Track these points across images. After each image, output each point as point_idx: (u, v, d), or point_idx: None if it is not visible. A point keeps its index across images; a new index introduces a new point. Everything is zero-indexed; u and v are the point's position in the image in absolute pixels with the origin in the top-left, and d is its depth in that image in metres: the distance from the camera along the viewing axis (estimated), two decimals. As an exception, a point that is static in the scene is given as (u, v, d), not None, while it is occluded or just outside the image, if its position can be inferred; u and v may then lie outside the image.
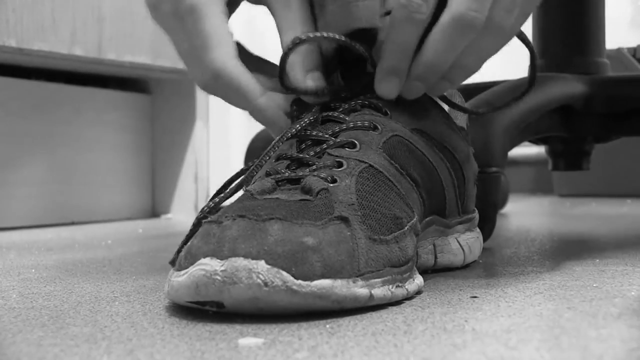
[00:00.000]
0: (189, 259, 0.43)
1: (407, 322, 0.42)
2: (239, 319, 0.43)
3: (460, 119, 0.64)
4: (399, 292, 0.47)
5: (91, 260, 0.73)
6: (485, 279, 0.58)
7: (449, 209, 0.59)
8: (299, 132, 0.52)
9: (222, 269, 0.41)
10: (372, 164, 0.51)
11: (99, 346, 0.38)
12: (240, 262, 0.41)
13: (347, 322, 0.42)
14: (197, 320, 0.43)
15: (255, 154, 0.90)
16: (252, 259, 0.41)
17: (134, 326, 0.43)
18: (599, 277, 0.57)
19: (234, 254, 0.42)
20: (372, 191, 0.49)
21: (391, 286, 0.47)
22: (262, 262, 0.41)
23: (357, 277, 0.44)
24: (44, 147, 1.17)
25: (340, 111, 0.54)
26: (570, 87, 0.88)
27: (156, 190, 1.37)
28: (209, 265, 0.42)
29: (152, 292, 0.54)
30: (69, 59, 1.12)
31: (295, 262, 0.42)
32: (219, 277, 0.41)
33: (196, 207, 1.35)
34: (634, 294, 0.50)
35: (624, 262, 0.65)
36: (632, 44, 1.41)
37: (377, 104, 0.54)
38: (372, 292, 0.45)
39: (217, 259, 0.42)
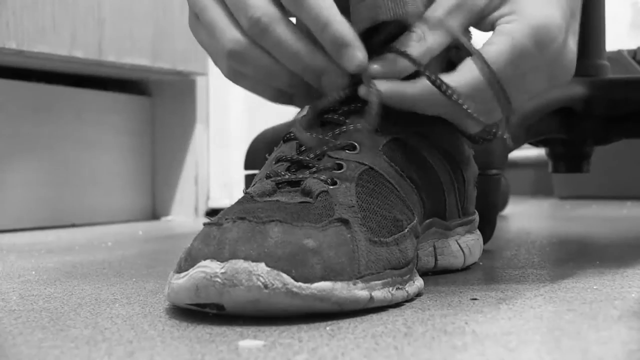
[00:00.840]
0: (189, 261, 0.43)
1: (407, 325, 0.42)
2: (239, 321, 0.43)
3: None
4: (399, 294, 0.47)
5: (91, 262, 0.73)
6: (485, 281, 0.58)
7: (449, 211, 0.59)
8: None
9: (222, 271, 0.41)
10: (372, 166, 0.51)
11: (99, 348, 0.38)
12: (240, 264, 0.41)
13: (347, 324, 0.42)
14: (197, 322, 0.43)
15: (255, 156, 0.90)
16: (253, 261, 0.41)
17: (134, 328, 0.43)
18: (599, 280, 0.57)
19: (234, 256, 0.42)
20: (372, 193, 0.49)
21: (391, 288, 0.47)
22: (262, 265, 0.41)
23: (357, 279, 0.44)
24: (44, 149, 1.17)
25: (339, 113, 0.54)
26: (570, 89, 0.88)
27: (156, 192, 1.37)
28: (209, 267, 0.42)
29: (153, 295, 0.54)
30: (69, 61, 1.12)
31: (295, 264, 0.42)
32: (219, 280, 0.41)
33: (196, 209, 1.35)
34: (634, 296, 0.50)
35: (624, 264, 0.65)
36: (633, 46, 1.41)
37: (377, 106, 0.54)
38: (372, 294, 0.45)
39: (218, 261, 0.42)
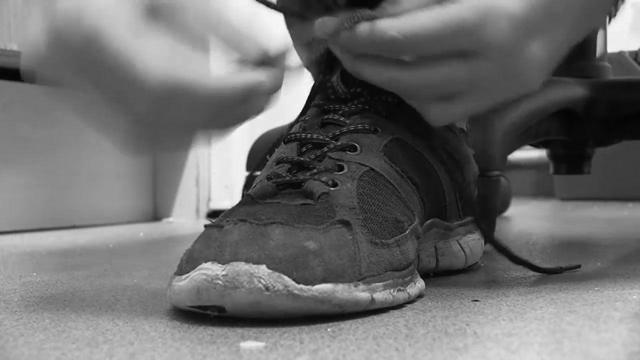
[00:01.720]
0: (190, 263, 0.43)
1: (409, 326, 0.42)
2: (240, 323, 0.43)
3: (460, 121, 0.64)
4: (401, 295, 0.47)
5: (93, 263, 0.73)
6: (486, 282, 0.58)
7: (449, 211, 0.59)
8: (299, 135, 0.52)
9: (224, 273, 0.41)
10: (373, 167, 0.51)
11: (101, 350, 0.38)
12: (241, 266, 0.41)
13: (349, 325, 0.42)
14: (199, 324, 0.43)
15: (257, 157, 0.90)
16: (254, 263, 0.41)
17: (135, 330, 0.43)
18: (600, 281, 0.57)
19: (235, 258, 0.42)
20: (373, 195, 0.49)
21: (393, 290, 0.47)
22: (264, 267, 0.41)
23: (359, 281, 0.44)
24: (45, 151, 1.17)
25: (340, 114, 0.54)
26: (571, 90, 0.88)
27: (157, 193, 1.37)
28: (211, 269, 0.42)
29: (154, 296, 0.54)
30: (71, 62, 1.12)
31: (296, 266, 0.42)
32: (221, 282, 0.41)
33: (197, 211, 1.35)
34: (635, 297, 0.50)
35: (625, 265, 0.65)
36: (634, 47, 1.41)
37: (377, 107, 0.54)
38: (374, 296, 0.45)
39: (219, 263, 0.42)
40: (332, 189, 0.48)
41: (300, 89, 0.54)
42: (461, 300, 0.50)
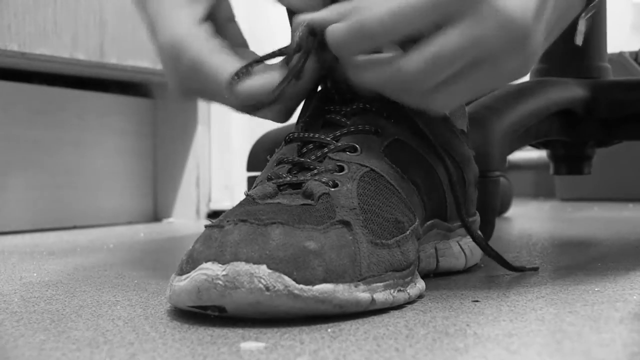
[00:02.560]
0: (190, 263, 0.43)
1: (409, 327, 0.42)
2: (240, 323, 0.43)
3: (460, 122, 0.64)
4: (401, 296, 0.47)
5: (93, 264, 0.73)
6: (486, 283, 0.58)
7: (449, 212, 0.59)
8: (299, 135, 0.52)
9: (224, 273, 0.41)
10: (373, 168, 0.51)
11: (101, 350, 0.38)
12: (242, 266, 0.41)
13: (349, 326, 0.42)
14: (199, 324, 0.43)
15: (257, 158, 0.90)
16: (254, 263, 0.41)
17: (135, 330, 0.43)
18: (600, 281, 0.57)
19: (236, 258, 0.42)
20: (374, 195, 0.49)
21: (393, 290, 0.47)
22: (264, 267, 0.41)
23: (359, 281, 0.44)
24: (45, 151, 1.17)
25: (341, 114, 0.54)
26: (571, 91, 0.88)
27: (158, 194, 1.37)
28: (211, 269, 0.42)
29: (154, 296, 0.54)
30: (71, 63, 1.12)
31: (297, 266, 0.42)
32: (221, 282, 0.41)
33: (198, 211, 1.35)
34: (635, 298, 0.50)
35: (625, 266, 0.65)
36: (634, 47, 1.42)
37: (378, 107, 0.54)
38: (374, 296, 0.45)
39: (219, 263, 0.42)
40: (333, 189, 0.48)
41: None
42: (461, 300, 0.50)
